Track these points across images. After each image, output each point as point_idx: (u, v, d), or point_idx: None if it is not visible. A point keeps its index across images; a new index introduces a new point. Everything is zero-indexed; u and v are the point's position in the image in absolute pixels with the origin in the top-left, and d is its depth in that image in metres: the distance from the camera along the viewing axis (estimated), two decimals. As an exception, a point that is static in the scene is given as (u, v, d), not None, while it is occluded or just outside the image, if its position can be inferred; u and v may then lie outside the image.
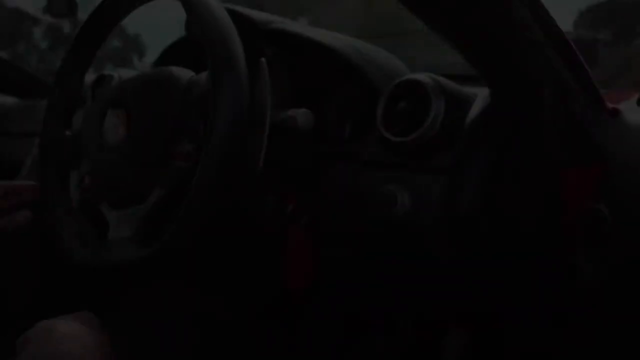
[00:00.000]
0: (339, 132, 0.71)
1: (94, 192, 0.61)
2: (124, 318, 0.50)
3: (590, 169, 0.64)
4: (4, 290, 0.62)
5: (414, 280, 0.63)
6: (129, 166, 0.57)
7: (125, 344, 0.49)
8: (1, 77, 1.42)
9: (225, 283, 0.77)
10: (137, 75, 0.61)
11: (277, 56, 0.70)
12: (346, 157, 0.67)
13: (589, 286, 0.51)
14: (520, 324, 0.70)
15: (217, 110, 0.48)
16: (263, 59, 0.54)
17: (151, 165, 0.55)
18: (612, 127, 0.57)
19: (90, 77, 0.94)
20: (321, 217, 0.65)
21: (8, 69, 1.44)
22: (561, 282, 0.60)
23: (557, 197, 0.63)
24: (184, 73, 0.57)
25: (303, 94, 0.70)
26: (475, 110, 0.62)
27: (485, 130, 0.62)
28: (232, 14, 0.56)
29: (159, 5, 0.63)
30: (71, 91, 0.68)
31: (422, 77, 0.61)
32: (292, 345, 0.85)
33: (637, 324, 0.46)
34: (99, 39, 0.66)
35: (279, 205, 0.68)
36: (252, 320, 0.66)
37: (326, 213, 0.65)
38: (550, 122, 0.58)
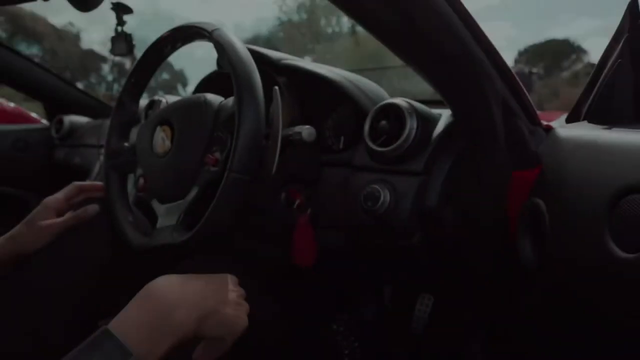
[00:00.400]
0: (335, 144, 0.71)
1: (146, 190, 0.61)
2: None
3: (530, 171, 0.63)
4: (80, 268, 0.62)
5: (393, 259, 0.63)
6: (172, 170, 0.57)
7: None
8: (77, 102, 1.43)
9: (246, 260, 0.76)
10: (179, 99, 0.61)
11: (288, 85, 0.70)
12: (340, 163, 0.67)
13: (529, 264, 0.51)
14: (473, 292, 0.70)
15: (240, 127, 0.48)
16: (276, 87, 0.54)
17: (190, 169, 0.55)
18: (547, 140, 0.56)
19: (144, 101, 0.94)
20: (322, 209, 0.65)
21: (82, 96, 1.44)
22: (507, 261, 0.59)
23: (504, 194, 0.63)
24: (215, 98, 0.57)
25: (307, 114, 0.70)
26: (440, 127, 0.62)
27: (448, 142, 0.61)
28: (253, 52, 0.55)
29: (197, 47, 0.62)
30: (128, 112, 0.67)
31: (399, 101, 0.61)
32: (299, 306, 0.84)
33: (567, 295, 0.45)
34: (149, 72, 0.66)
35: (289, 199, 0.68)
36: (266, 287, 0.66)
37: (325, 206, 0.65)
38: (499, 136, 0.58)
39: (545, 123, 0.66)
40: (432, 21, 0.43)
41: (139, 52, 0.68)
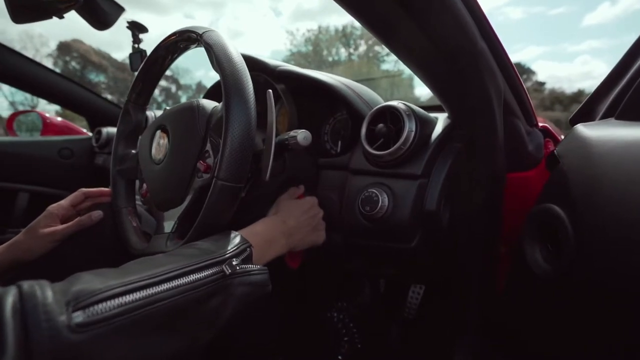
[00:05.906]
0: (332, 148, 0.57)
1: (148, 197, 0.48)
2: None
3: (526, 173, 0.49)
4: (82, 268, 0.49)
5: (389, 257, 0.49)
6: (167, 177, 0.44)
7: None
8: (114, 116, 1.32)
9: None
10: (176, 105, 0.47)
11: (286, 91, 0.56)
12: (338, 167, 0.53)
13: (541, 271, 0.36)
14: (464, 286, 0.56)
15: (228, 131, 0.35)
16: (269, 91, 0.40)
17: (183, 176, 0.42)
18: (567, 140, 0.41)
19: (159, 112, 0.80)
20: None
21: (118, 110, 1.33)
22: (511, 265, 0.45)
23: (500, 195, 0.49)
24: (208, 103, 0.44)
25: (305, 118, 0.56)
26: (438, 129, 0.48)
27: (446, 144, 0.47)
28: (250, 59, 0.42)
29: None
30: (134, 121, 0.54)
31: (397, 103, 0.47)
32: (299, 297, 0.71)
33: (602, 307, 0.30)
34: (153, 82, 0.53)
35: None
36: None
37: (325, 208, 0.51)
38: (499, 135, 0.44)
39: (541, 124, 0.52)
40: (442, 15, 0.29)
41: (180, 78, 0.55)
